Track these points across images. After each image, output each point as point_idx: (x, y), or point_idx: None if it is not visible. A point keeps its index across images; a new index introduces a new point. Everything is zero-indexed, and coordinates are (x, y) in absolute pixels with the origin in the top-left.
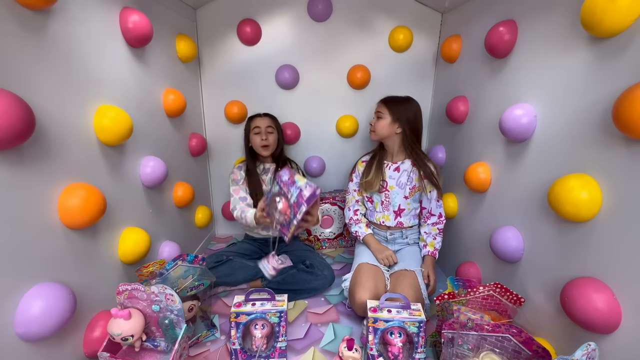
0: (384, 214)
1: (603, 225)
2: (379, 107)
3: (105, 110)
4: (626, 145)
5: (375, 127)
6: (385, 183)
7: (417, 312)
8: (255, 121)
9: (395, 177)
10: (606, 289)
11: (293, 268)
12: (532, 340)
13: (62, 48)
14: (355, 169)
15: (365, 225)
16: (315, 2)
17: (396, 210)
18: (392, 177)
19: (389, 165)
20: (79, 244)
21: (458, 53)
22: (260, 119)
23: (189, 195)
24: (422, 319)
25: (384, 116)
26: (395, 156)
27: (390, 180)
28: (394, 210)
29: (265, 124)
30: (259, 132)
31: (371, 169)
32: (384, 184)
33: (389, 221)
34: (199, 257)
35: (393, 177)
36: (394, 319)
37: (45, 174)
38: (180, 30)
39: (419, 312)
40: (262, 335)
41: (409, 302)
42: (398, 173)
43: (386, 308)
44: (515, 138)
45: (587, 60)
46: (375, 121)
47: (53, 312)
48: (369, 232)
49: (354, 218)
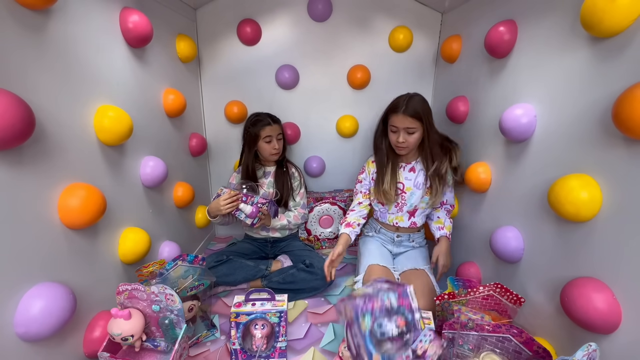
0: (398, 215)
1: (603, 225)
2: (410, 122)
3: (105, 110)
4: (626, 145)
5: (408, 143)
6: (402, 185)
7: (427, 321)
8: (267, 130)
9: (411, 177)
10: (606, 289)
11: (293, 268)
12: (532, 340)
13: (62, 48)
14: (365, 169)
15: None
16: (315, 2)
17: (410, 211)
18: (408, 179)
19: (404, 167)
20: (79, 244)
21: (458, 53)
22: (271, 127)
23: (189, 195)
24: (431, 327)
25: (416, 130)
26: (409, 157)
27: (406, 182)
28: (408, 210)
29: (276, 133)
30: (270, 141)
31: (385, 176)
32: (400, 186)
33: (403, 222)
34: (199, 257)
35: (409, 177)
36: None
37: (45, 174)
38: (180, 30)
39: (429, 320)
40: (262, 335)
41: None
42: (414, 173)
43: None
44: (515, 138)
45: (587, 60)
46: (406, 137)
47: (53, 312)
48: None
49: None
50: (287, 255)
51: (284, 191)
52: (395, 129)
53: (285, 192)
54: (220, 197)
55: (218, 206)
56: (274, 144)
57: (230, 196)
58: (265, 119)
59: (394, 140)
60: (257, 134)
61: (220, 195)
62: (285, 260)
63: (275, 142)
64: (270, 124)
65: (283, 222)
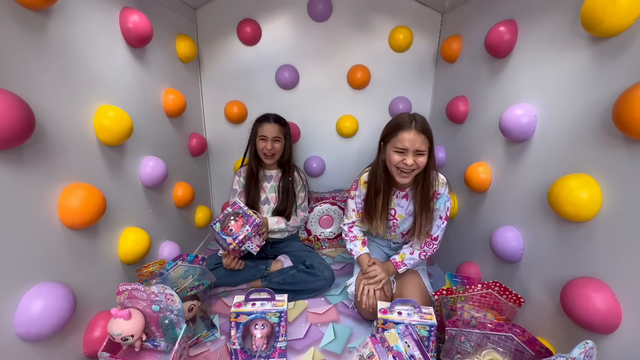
0: (391, 234)
1: (603, 225)
2: (422, 141)
3: (105, 110)
4: (626, 145)
5: (416, 166)
6: (394, 211)
7: (429, 316)
8: (264, 128)
9: (403, 205)
10: (606, 289)
11: (293, 269)
12: (535, 340)
13: (62, 48)
14: (358, 187)
15: (362, 243)
16: (315, 2)
17: (403, 233)
18: (400, 205)
19: (397, 194)
20: (79, 244)
21: (458, 53)
22: (269, 125)
23: (189, 195)
24: (433, 322)
25: (425, 152)
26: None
27: (399, 209)
28: (401, 232)
29: (272, 134)
30: (264, 140)
31: (377, 206)
32: (392, 212)
33: (396, 239)
34: (199, 257)
35: (402, 205)
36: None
37: (45, 174)
38: (180, 30)
39: (431, 315)
40: (262, 335)
41: (419, 306)
42: (407, 201)
43: (396, 310)
44: (515, 138)
45: (588, 60)
46: (415, 159)
47: (53, 312)
48: (364, 252)
49: (349, 235)
50: (287, 256)
51: (287, 202)
52: (402, 150)
53: (289, 203)
54: (224, 263)
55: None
56: (267, 144)
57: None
58: (268, 117)
59: (399, 162)
60: (255, 130)
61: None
62: (286, 260)
63: (269, 142)
64: (269, 121)
65: (281, 225)
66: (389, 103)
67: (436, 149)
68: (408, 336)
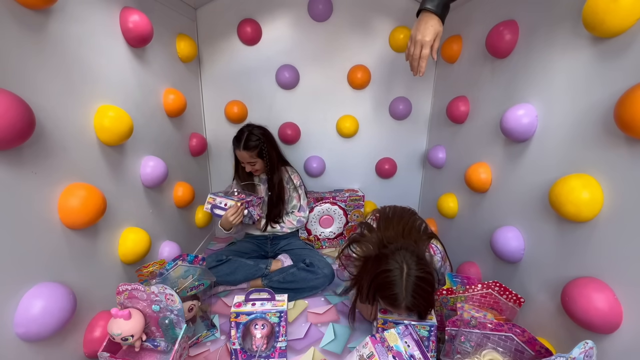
0: None
1: (604, 225)
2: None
3: (105, 110)
4: (628, 145)
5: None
6: None
7: (429, 316)
8: (237, 152)
9: None
10: (607, 288)
11: (293, 267)
12: (535, 340)
13: (62, 48)
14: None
15: None
16: (315, 2)
17: None
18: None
19: None
20: (79, 244)
21: (458, 53)
22: (239, 152)
23: (189, 195)
24: (433, 322)
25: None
26: None
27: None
28: None
29: (245, 159)
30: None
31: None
32: None
33: None
34: (199, 257)
35: None
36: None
37: (45, 174)
38: (181, 30)
39: (430, 315)
40: (262, 335)
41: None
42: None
43: None
44: (516, 138)
45: (589, 60)
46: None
47: (53, 312)
48: None
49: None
50: (287, 254)
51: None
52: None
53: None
54: (227, 212)
55: (228, 220)
56: (246, 166)
57: (236, 208)
58: (239, 140)
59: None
60: (233, 150)
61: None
62: (286, 260)
63: (247, 165)
64: (239, 148)
65: (275, 228)
66: (389, 103)
67: (436, 149)
68: (408, 336)
